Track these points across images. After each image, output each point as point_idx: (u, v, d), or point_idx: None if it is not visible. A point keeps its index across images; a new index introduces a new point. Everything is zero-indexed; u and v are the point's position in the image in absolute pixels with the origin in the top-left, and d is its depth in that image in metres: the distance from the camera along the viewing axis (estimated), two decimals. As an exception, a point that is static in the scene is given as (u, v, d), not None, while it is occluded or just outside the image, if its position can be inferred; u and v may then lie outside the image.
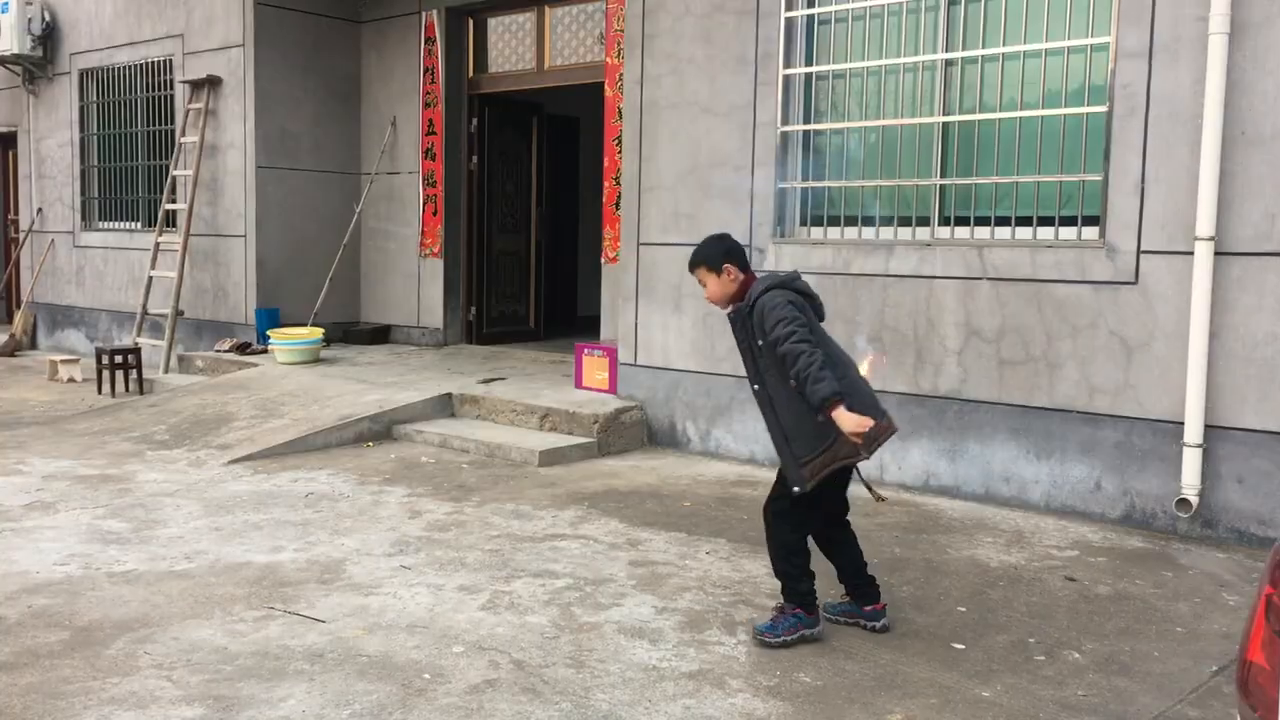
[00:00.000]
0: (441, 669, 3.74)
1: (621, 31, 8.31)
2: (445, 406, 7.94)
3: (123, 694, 3.51)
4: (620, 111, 8.37)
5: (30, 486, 6.21)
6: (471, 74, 10.34)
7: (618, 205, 8.42)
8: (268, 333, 9.62)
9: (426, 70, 10.21)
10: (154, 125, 11.34)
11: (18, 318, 12.79)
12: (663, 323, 7.43)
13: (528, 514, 5.76)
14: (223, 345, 10.05)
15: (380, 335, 10.63)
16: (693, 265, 4.21)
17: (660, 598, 4.49)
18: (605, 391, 7.80)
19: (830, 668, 3.83)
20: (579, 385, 8.03)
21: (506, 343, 10.61)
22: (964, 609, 4.45)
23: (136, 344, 10.17)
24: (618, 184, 8.45)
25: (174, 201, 10.69)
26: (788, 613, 4.05)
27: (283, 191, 10.29)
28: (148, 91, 11.34)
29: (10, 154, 13.69)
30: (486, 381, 8.35)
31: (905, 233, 6.51)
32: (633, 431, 7.45)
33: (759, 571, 4.83)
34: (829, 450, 3.90)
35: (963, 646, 4.05)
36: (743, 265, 4.14)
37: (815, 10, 6.76)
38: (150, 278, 10.64)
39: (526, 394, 7.90)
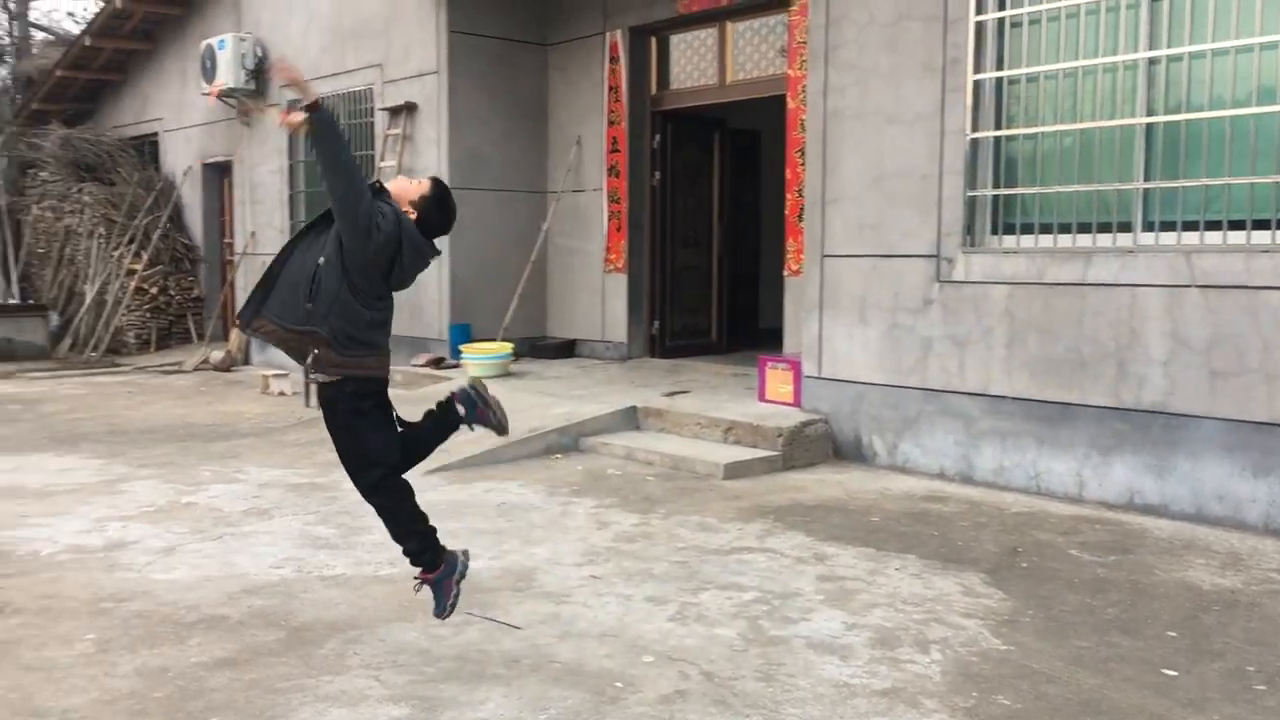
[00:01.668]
0: (632, 678, 3.80)
1: (804, 43, 8.28)
2: (630, 419, 8.05)
3: (335, 692, 3.70)
4: (803, 123, 8.34)
5: (247, 494, 6.62)
6: (654, 91, 10.48)
7: (800, 217, 8.39)
8: (460, 348, 9.97)
9: (610, 89, 10.41)
10: (356, 151, 11.87)
11: (233, 335, 13.66)
12: (847, 334, 7.35)
13: (713, 527, 5.78)
14: (419, 360, 10.48)
15: (566, 349, 10.87)
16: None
17: (849, 613, 4.44)
18: (789, 405, 7.76)
19: (1031, 691, 3.70)
20: (762, 398, 8.01)
21: (689, 356, 10.69)
22: (1175, 634, 4.22)
23: (339, 359, 10.70)
24: (800, 196, 8.41)
25: (373, 223, 11.19)
26: (430, 578, 4.11)
27: (474, 211, 10.66)
28: (350, 119, 11.95)
29: (226, 182, 14.66)
30: (670, 395, 8.43)
31: (1105, 239, 6.25)
32: (817, 445, 7.38)
33: (952, 589, 4.71)
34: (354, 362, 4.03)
35: (1175, 673, 3.85)
36: (428, 222, 4.16)
37: (1006, 13, 6.57)
38: (352, 296, 11.16)
39: (710, 407, 7.93)
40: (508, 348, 9.84)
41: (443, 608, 4.07)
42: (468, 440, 7.68)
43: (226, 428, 9.13)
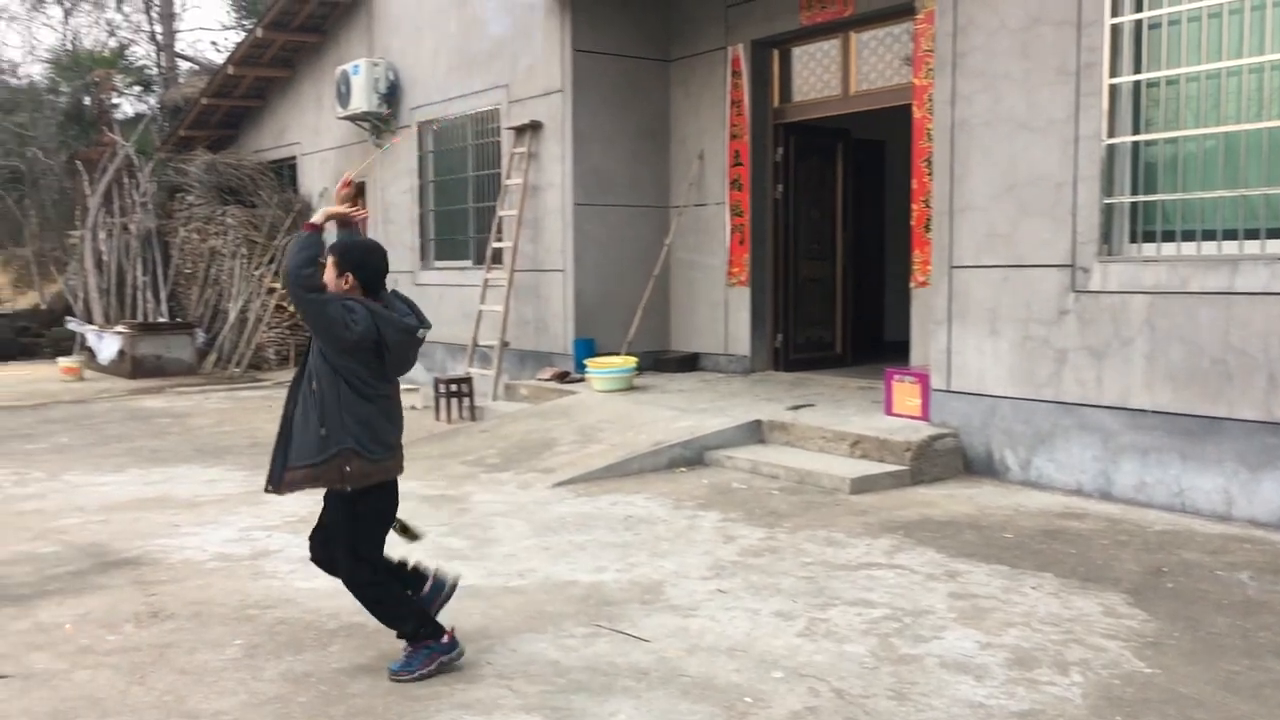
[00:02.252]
0: (762, 693, 3.78)
1: (930, 52, 8.17)
2: (754, 433, 8.02)
3: (470, 700, 3.78)
4: (929, 132, 8.21)
5: (382, 504, 6.80)
6: (777, 104, 10.45)
7: (927, 228, 8.25)
8: (585, 361, 10.09)
9: (733, 103, 10.42)
10: (482, 170, 12.21)
11: (366, 350, 14.06)
12: (977, 347, 7.19)
13: (841, 542, 5.72)
14: (544, 374, 10.63)
15: (689, 363, 10.89)
16: (331, 254, 4.17)
17: (984, 632, 4.34)
18: (917, 418, 7.63)
19: (1178, 716, 3.56)
20: (889, 412, 7.89)
21: (813, 369, 10.60)
22: (1334, 660, 4.02)
23: (468, 374, 10.94)
24: (927, 206, 8.28)
25: (500, 240, 11.44)
26: (419, 648, 4.01)
27: (598, 227, 10.79)
28: (477, 139, 12.23)
29: (359, 202, 15.12)
30: (795, 408, 8.37)
31: (1253, 246, 5.99)
32: (947, 459, 7.24)
33: (1092, 609, 4.57)
34: (316, 468, 3.97)
35: (1335, 702, 3.66)
36: (369, 286, 4.10)
37: (1144, 15, 6.37)
38: (480, 312, 11.43)
39: (835, 420, 7.86)
40: (631, 361, 9.91)
41: (412, 668, 3.98)
42: (594, 453, 7.80)
43: (361, 441, 9.39)
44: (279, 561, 5.55)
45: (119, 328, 15.44)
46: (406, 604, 4.12)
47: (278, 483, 4.02)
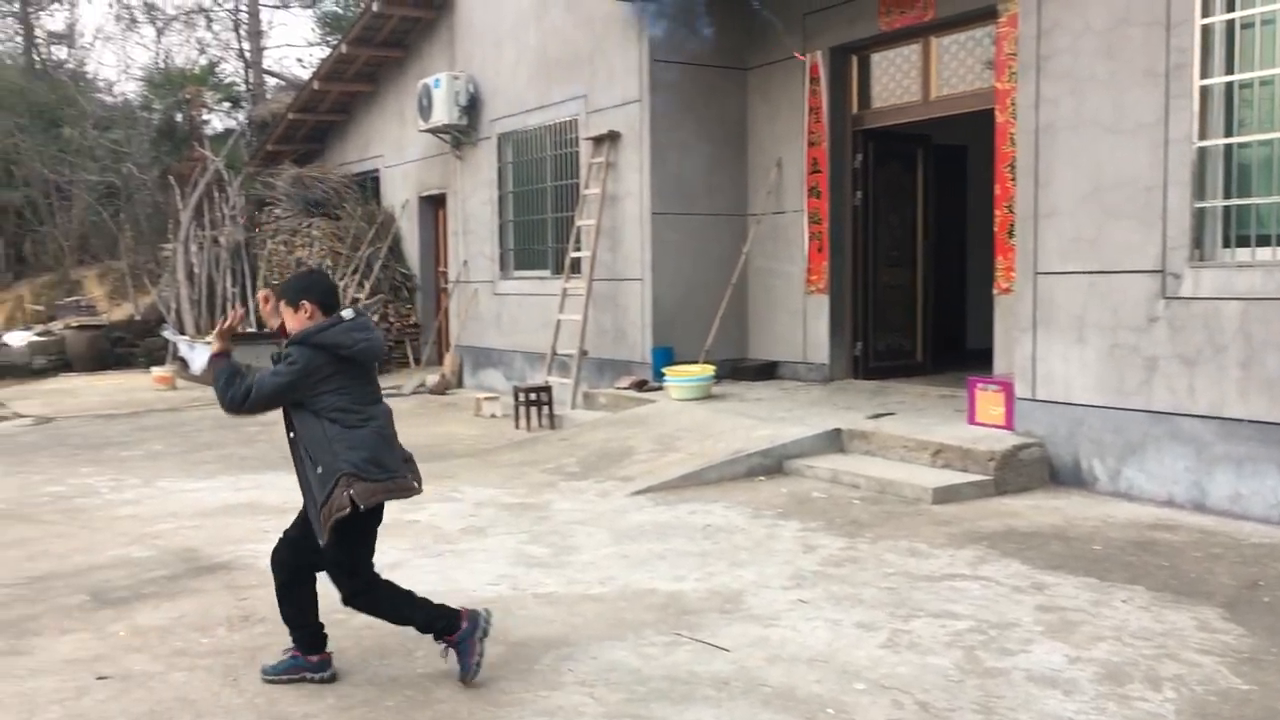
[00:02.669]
0: (844, 704, 3.75)
1: (1013, 55, 8.05)
2: (834, 442, 7.96)
3: (552, 707, 3.81)
4: (1012, 137, 8.09)
5: (464, 513, 6.89)
6: (855, 110, 10.38)
7: (1010, 233, 8.13)
8: (663, 370, 10.11)
9: (811, 110, 10.37)
10: (560, 180, 12.32)
11: (447, 359, 14.28)
12: (1063, 355, 7.06)
13: (923, 552, 5.65)
14: (622, 383, 10.67)
15: (767, 371, 10.85)
16: (273, 296, 4.22)
17: (1072, 646, 4.25)
18: (1000, 427, 7.51)
19: (1276, 736, 3.46)
20: (972, 421, 7.78)
21: (893, 377, 10.49)
22: None
23: (547, 382, 11.03)
24: (1010, 212, 8.16)
25: (578, 249, 11.53)
26: (454, 639, 4.06)
27: (675, 235, 10.81)
28: (555, 149, 12.35)
29: (441, 213, 15.36)
30: (875, 417, 8.29)
31: (1352, 250, 5.80)
32: (1032, 469, 7.11)
33: (1185, 623, 4.46)
34: (329, 504, 3.97)
35: None
36: (325, 305, 4.10)
37: (1236, 14, 6.20)
38: (559, 321, 11.53)
39: (917, 429, 7.77)
40: (709, 370, 9.91)
41: (468, 668, 4.01)
42: (672, 461, 7.81)
43: (443, 448, 9.53)
44: (364, 567, 5.64)
45: (209, 338, 15.84)
46: (407, 604, 4.16)
47: (320, 529, 4.02)
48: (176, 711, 3.86)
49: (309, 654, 4.13)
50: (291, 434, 4.11)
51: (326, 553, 4.06)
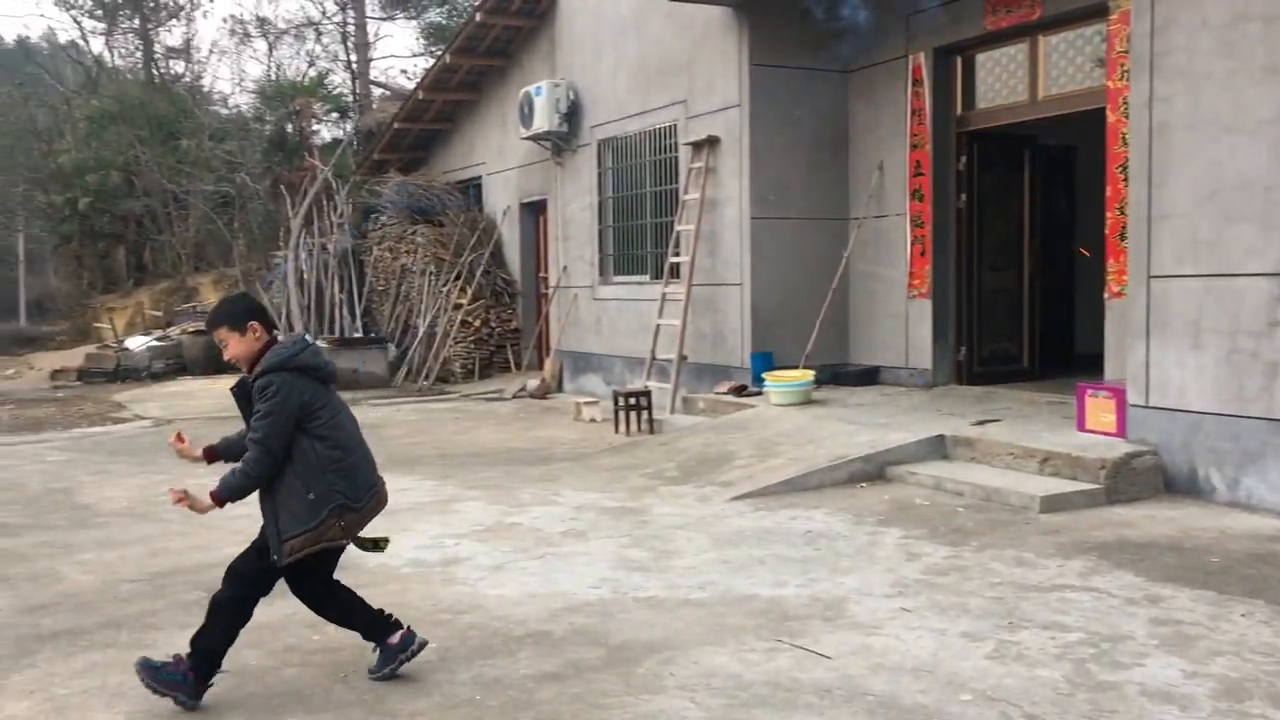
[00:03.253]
0: (950, 715, 3.70)
1: (1125, 53, 7.83)
2: (937, 448, 7.84)
3: (653, 710, 3.82)
4: (1124, 137, 7.88)
5: (564, 516, 6.96)
6: (959, 111, 10.21)
7: (1122, 236, 7.91)
8: (762, 375, 10.06)
9: (914, 112, 10.23)
10: (660, 185, 12.36)
11: (547, 364, 14.43)
12: (1178, 360, 6.84)
13: (1031, 562, 5.53)
14: (721, 388, 10.66)
15: (868, 376, 10.73)
16: (213, 325, 4.07)
17: (1188, 660, 4.12)
18: (1112, 434, 7.31)
19: None
20: (1081, 428, 7.58)
21: (998, 383, 10.27)
22: None
23: (647, 387, 11.06)
24: (1122, 214, 7.94)
25: (677, 254, 11.55)
26: (181, 666, 3.93)
27: (774, 240, 10.76)
28: (655, 155, 12.40)
29: (541, 219, 15.55)
30: (980, 423, 8.14)
31: None
32: (1145, 478, 6.90)
33: (1309, 641, 4.28)
34: (314, 532, 3.93)
35: None
36: (267, 324, 4.04)
37: (1364, 4, 5.95)
38: (657, 325, 11.57)
39: (1024, 436, 7.60)
40: (809, 375, 9.84)
41: (156, 674, 3.93)
42: (772, 467, 7.78)
43: (543, 452, 9.64)
44: (468, 569, 5.75)
45: (319, 342, 16.28)
46: (232, 639, 4.07)
47: (281, 554, 3.98)
48: (290, 706, 3.97)
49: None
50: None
51: (280, 569, 4.01)
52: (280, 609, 5.11)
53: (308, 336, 4.12)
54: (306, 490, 3.95)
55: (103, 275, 30.93)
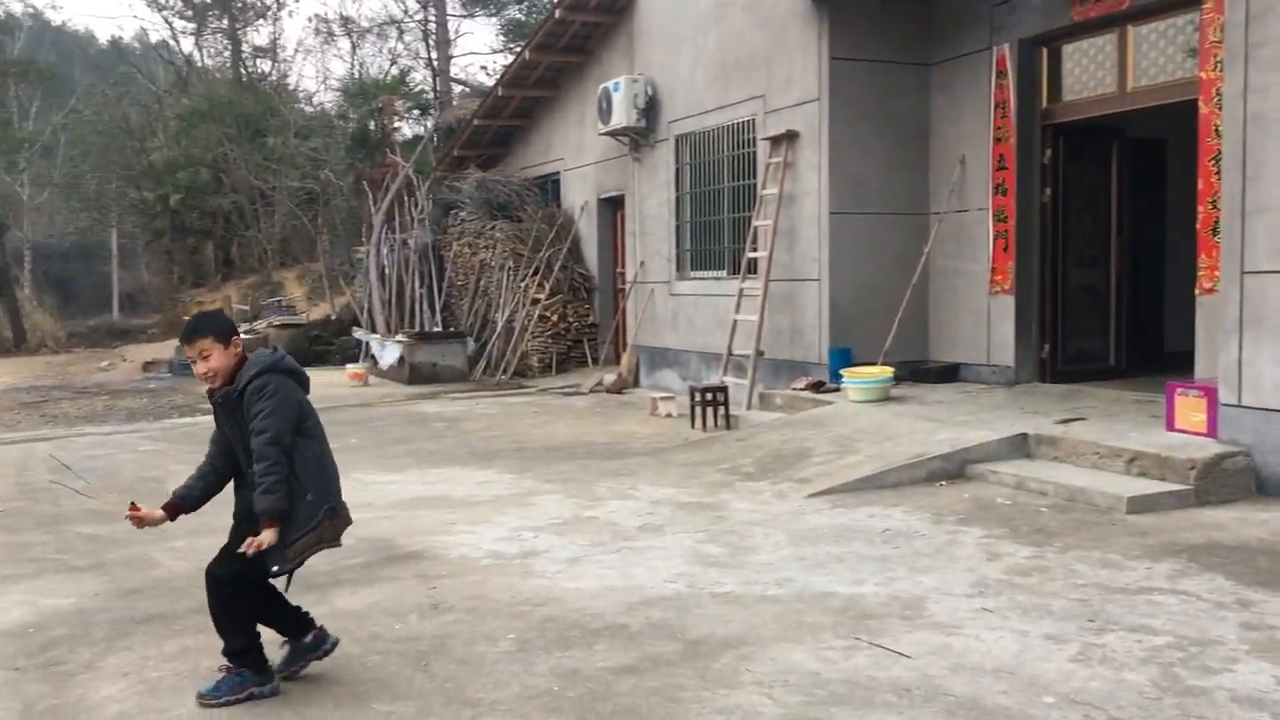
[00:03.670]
0: (1032, 718, 3.64)
1: (1219, 43, 7.62)
2: (1020, 447, 7.71)
3: (730, 705, 3.83)
4: (1217, 129, 7.66)
5: (641, 510, 6.99)
6: (1044, 104, 10.01)
7: (1214, 231, 7.70)
8: (840, 371, 9.99)
9: (997, 105, 10.06)
10: (737, 181, 12.33)
11: (624, 359, 14.48)
12: (1273, 358, 6.64)
13: (1117, 564, 5.42)
14: (799, 384, 10.60)
15: (948, 374, 10.59)
16: (195, 335, 4.03)
17: (1282, 668, 4.01)
18: (1202, 435, 7.12)
19: None
20: (1170, 427, 7.40)
21: (1083, 381, 10.06)
22: None
23: (723, 382, 11.05)
24: (1214, 208, 7.73)
25: (755, 250, 11.51)
26: (233, 673, 4.01)
27: (853, 235, 10.67)
28: (732, 150, 12.37)
29: (619, 215, 15.60)
30: (1064, 421, 7.99)
31: None
32: (1236, 480, 6.72)
33: None
34: (314, 533, 3.98)
35: None
36: (238, 341, 4.09)
37: None
38: (734, 321, 11.54)
39: (1109, 435, 7.44)
40: (888, 372, 9.74)
41: (217, 693, 3.97)
42: (850, 464, 7.72)
43: (619, 447, 9.68)
44: (546, 561, 5.80)
45: (399, 336, 16.56)
46: (252, 625, 4.10)
47: (284, 560, 3.96)
48: (376, 693, 4.05)
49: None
50: (250, 471, 3.98)
51: (244, 557, 3.89)
52: (365, 598, 5.22)
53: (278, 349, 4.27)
54: (305, 492, 3.96)
55: (192, 270, 31.79)
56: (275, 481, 3.86)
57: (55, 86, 39.17)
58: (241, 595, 4.06)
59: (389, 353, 16.52)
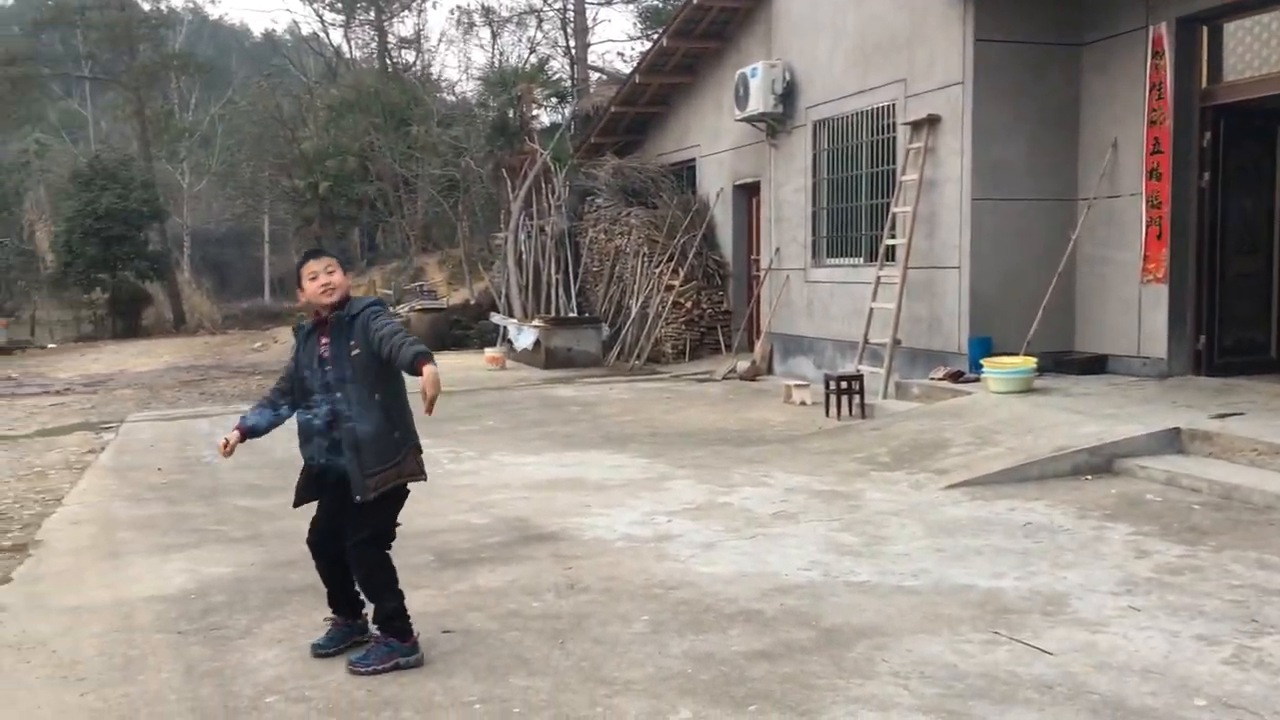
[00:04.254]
0: (1182, 721, 3.53)
1: (1398, 16, 7.16)
2: (1171, 442, 7.42)
3: (865, 695, 3.80)
4: (1395, 108, 7.21)
5: (774, 498, 6.97)
6: (1204, 85, 9.57)
7: (1391, 217, 7.25)
8: (980, 361, 9.76)
9: (1153, 86, 9.66)
10: (876, 166, 12.13)
11: (758, 346, 14.42)
12: None
13: (1276, 565, 5.17)
14: (937, 373, 10.40)
15: (1094, 365, 10.23)
16: (324, 253, 4.47)
17: None
18: (1372, 433, 6.74)
19: None
20: (1337, 425, 7.03)
21: (1242, 374, 9.59)
22: None
23: (858, 371, 10.91)
24: (1391, 192, 7.28)
25: (893, 237, 11.32)
26: (380, 642, 4.18)
27: (995, 221, 10.40)
28: (871, 135, 12.17)
29: (754, 201, 15.52)
30: (1220, 416, 7.65)
31: None
32: None
33: None
34: (397, 467, 4.17)
35: None
36: None
37: None
38: (871, 309, 11.38)
39: (1270, 431, 7.10)
40: (1031, 362, 9.47)
41: (365, 664, 4.14)
42: (990, 456, 7.56)
43: (753, 434, 9.66)
44: (680, 545, 5.85)
45: (536, 321, 16.83)
46: (397, 583, 4.29)
47: (364, 490, 4.14)
48: (513, 667, 4.16)
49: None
50: (376, 395, 4.17)
51: (369, 518, 4.18)
52: (503, 575, 5.36)
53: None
54: (392, 428, 4.20)
55: (338, 255, 32.94)
56: (412, 339, 4.06)
57: (213, 79, 41.06)
58: (383, 554, 4.28)
59: (525, 337, 16.81)
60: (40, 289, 33.48)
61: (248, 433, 4.42)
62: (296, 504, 4.47)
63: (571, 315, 17.54)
